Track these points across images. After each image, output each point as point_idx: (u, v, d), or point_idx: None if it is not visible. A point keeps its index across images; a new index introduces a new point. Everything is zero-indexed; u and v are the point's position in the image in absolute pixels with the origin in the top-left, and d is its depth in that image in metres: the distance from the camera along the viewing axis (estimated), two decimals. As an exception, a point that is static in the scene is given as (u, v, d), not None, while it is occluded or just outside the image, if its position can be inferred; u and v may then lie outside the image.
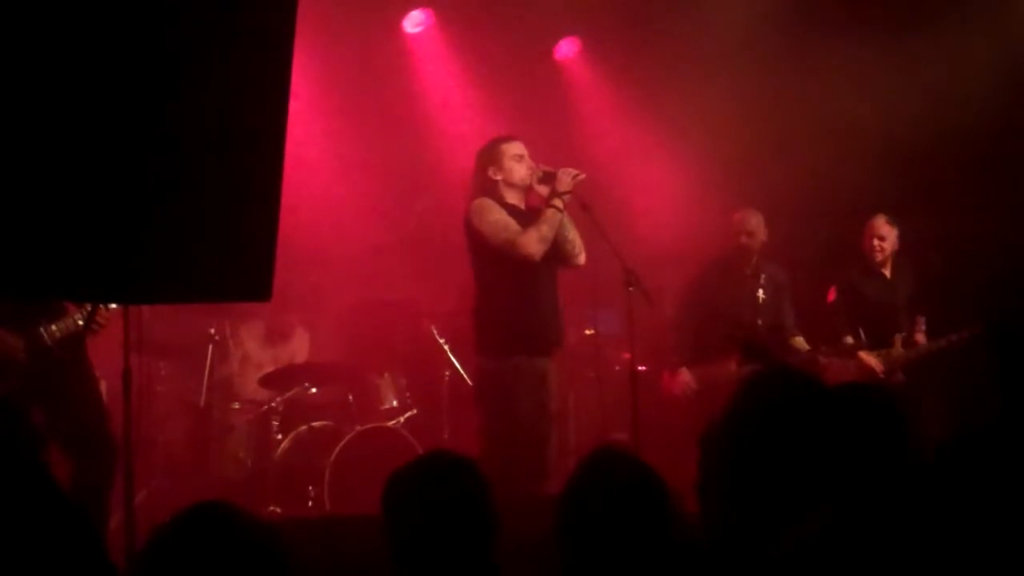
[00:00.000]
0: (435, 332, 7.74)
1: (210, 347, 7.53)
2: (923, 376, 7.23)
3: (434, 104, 8.68)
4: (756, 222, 7.46)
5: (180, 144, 3.22)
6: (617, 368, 7.99)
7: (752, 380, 2.91)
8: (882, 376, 7.20)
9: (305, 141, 7.65)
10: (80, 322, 5.45)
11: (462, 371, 7.61)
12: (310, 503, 7.11)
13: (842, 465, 2.65)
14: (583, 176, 5.94)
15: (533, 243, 5.87)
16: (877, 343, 7.32)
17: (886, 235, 7.46)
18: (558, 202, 5.94)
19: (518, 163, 6.06)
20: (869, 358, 7.28)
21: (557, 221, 5.92)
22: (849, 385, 3.29)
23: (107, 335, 5.52)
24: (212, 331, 7.53)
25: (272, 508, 7.07)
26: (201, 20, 3.23)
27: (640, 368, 6.38)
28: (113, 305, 5.36)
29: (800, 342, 7.48)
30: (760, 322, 7.43)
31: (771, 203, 7.81)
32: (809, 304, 7.63)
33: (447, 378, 7.79)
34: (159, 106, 3.21)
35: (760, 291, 7.44)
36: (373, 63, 8.37)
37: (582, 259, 6.12)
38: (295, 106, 3.74)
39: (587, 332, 8.16)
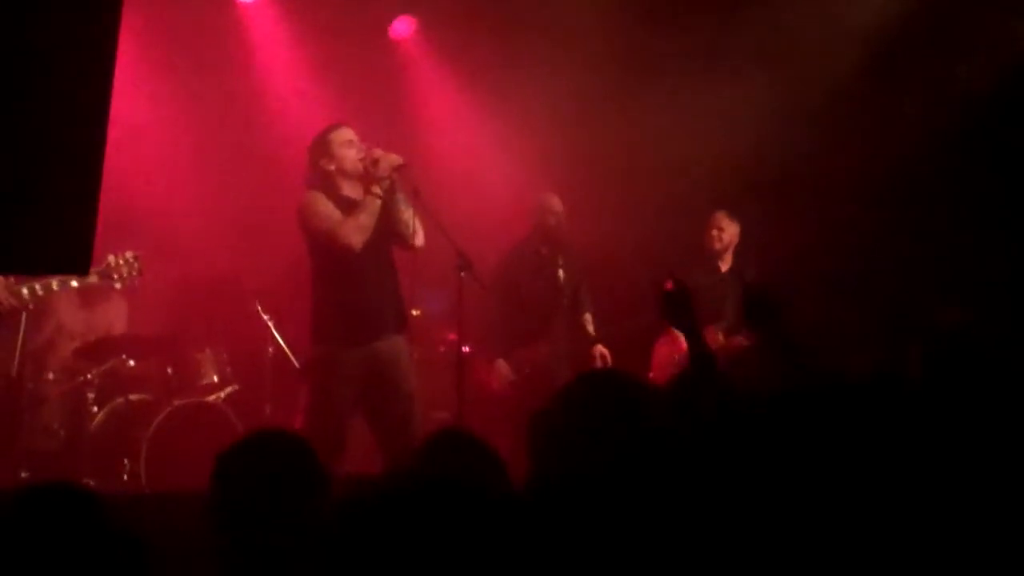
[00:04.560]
0: (260, 309, 7.66)
1: (23, 316, 7.29)
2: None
3: (267, 78, 8.56)
4: (558, 204, 7.58)
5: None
6: (442, 349, 8.03)
7: (578, 380, 3.00)
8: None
9: (133, 110, 7.45)
10: None
11: (286, 348, 7.56)
12: (125, 477, 6.99)
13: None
14: (401, 161, 5.98)
15: (351, 233, 5.93)
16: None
17: (725, 227, 7.74)
18: (376, 189, 5.99)
19: (348, 149, 6.08)
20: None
21: (375, 208, 5.97)
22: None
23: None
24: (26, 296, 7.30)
25: (86, 481, 6.91)
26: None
27: (465, 349, 6.43)
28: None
29: (588, 320, 7.65)
30: (564, 302, 7.57)
31: (604, 191, 7.98)
32: (624, 295, 7.81)
33: (270, 354, 7.71)
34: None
35: (560, 271, 7.57)
36: (206, 33, 8.21)
37: (419, 240, 6.16)
38: (123, 71, 3.64)
39: (413, 312, 8.17)
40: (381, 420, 6.12)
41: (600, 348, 7.54)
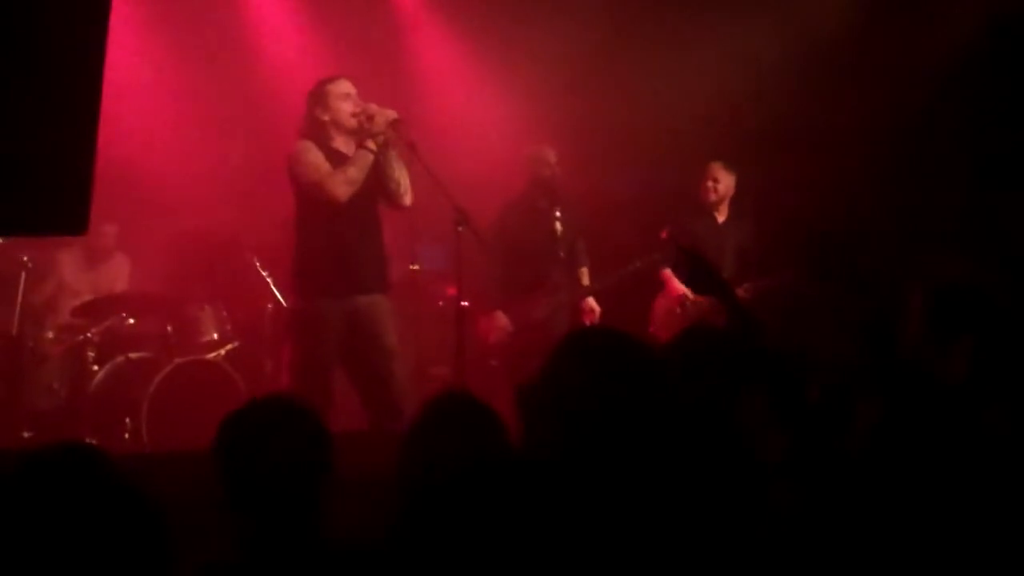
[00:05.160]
0: (258, 265, 7.66)
1: (23, 274, 7.31)
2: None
3: (264, 33, 8.51)
4: (553, 155, 7.55)
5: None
6: (441, 304, 8.03)
7: (574, 337, 2.94)
8: (689, 298, 7.44)
9: (128, 67, 7.41)
10: None
11: (285, 304, 7.56)
12: (127, 435, 7.01)
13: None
14: (396, 116, 5.95)
15: (339, 185, 5.88)
16: None
17: (720, 179, 7.68)
18: (370, 143, 5.94)
19: (344, 102, 6.03)
20: (675, 282, 7.53)
21: (367, 163, 5.92)
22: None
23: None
24: (25, 258, 7.32)
25: (88, 440, 6.95)
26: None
27: (464, 304, 6.41)
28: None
29: (584, 274, 7.65)
30: (561, 254, 7.55)
31: (601, 147, 7.95)
32: (619, 247, 7.82)
33: (269, 311, 7.72)
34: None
35: (557, 224, 7.54)
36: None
37: (407, 200, 6.12)
38: (118, 27, 3.63)
39: (412, 267, 8.17)
40: (362, 377, 6.08)
41: (590, 302, 7.54)
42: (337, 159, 5.97)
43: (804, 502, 2.75)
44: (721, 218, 7.76)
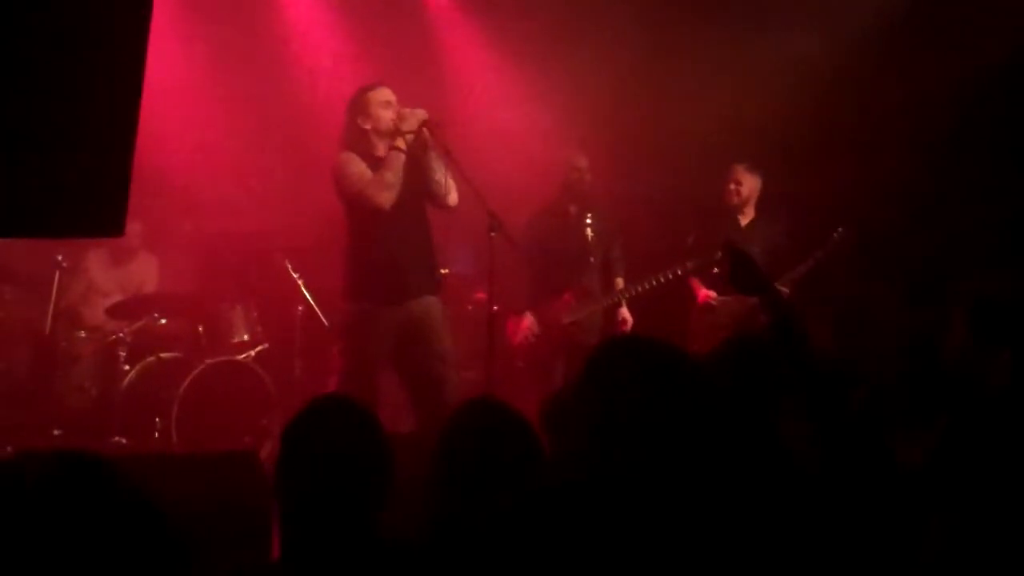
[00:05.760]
0: (289, 266, 7.67)
1: (57, 274, 7.35)
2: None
3: (298, 36, 8.53)
4: (584, 161, 7.53)
5: (29, 75, 3.10)
6: (470, 308, 8.02)
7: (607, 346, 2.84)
8: (717, 300, 7.40)
9: (162, 68, 7.45)
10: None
11: (316, 306, 7.57)
12: (157, 435, 7.04)
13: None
14: (427, 116, 5.94)
15: (379, 191, 5.90)
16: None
17: (743, 181, 7.63)
18: (400, 142, 5.94)
19: (385, 110, 6.03)
20: (701, 288, 7.49)
21: (399, 163, 5.93)
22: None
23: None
24: (60, 257, 7.36)
25: (118, 439, 6.99)
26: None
27: (494, 308, 6.40)
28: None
29: (619, 283, 7.61)
30: (592, 260, 7.51)
31: (633, 153, 7.92)
32: (654, 246, 7.80)
33: (300, 313, 7.73)
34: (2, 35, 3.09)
35: (588, 230, 7.52)
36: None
37: (452, 199, 6.13)
38: (153, 31, 3.64)
39: (442, 271, 8.17)
40: (413, 380, 6.13)
41: (623, 312, 7.49)
42: (379, 166, 5.99)
43: (848, 514, 2.70)
44: (744, 220, 7.70)
